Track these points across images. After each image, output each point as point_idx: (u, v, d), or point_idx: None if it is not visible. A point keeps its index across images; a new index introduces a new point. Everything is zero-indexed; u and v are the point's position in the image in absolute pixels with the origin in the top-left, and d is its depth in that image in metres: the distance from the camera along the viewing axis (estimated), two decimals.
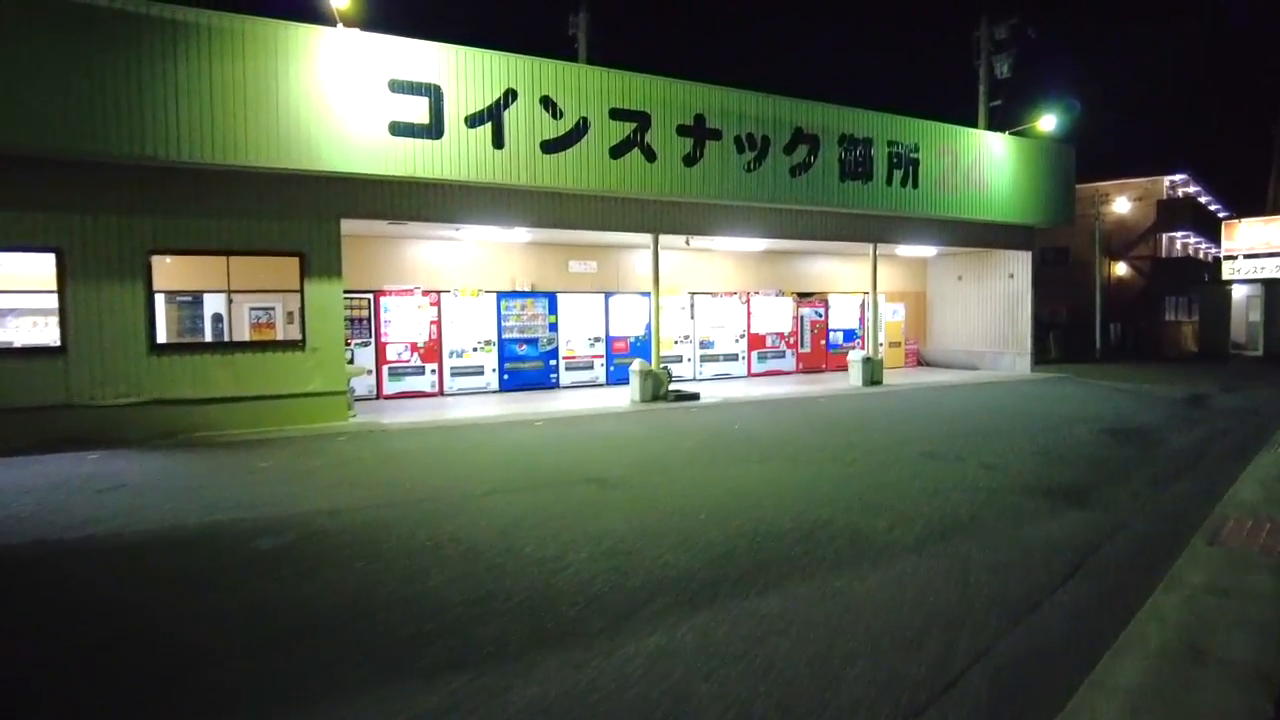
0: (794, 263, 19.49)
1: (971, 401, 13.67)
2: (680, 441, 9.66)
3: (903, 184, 15.52)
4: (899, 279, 21.05)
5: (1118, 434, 10.32)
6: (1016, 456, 8.61)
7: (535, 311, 15.58)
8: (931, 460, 8.35)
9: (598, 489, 7.01)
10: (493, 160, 11.49)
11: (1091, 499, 6.74)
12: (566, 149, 11.99)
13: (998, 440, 9.66)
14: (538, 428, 10.83)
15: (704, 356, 17.53)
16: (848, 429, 10.59)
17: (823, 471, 7.77)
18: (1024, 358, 18.91)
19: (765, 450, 8.97)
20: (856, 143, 14.85)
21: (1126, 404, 13.68)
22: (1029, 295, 18.79)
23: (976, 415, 11.91)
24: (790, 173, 14.12)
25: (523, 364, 15.47)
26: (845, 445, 9.27)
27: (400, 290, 14.48)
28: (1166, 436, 10.21)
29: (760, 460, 8.39)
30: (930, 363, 21.16)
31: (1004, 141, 17.42)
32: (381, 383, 14.31)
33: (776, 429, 10.63)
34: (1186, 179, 41.67)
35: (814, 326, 19.09)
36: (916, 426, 10.79)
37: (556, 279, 16.33)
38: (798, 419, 11.54)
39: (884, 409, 12.74)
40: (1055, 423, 11.22)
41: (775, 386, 15.86)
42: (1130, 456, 8.78)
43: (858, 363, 16.01)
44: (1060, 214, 18.69)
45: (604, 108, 12.26)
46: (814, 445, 9.28)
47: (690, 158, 13.04)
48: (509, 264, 15.91)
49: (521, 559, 5.08)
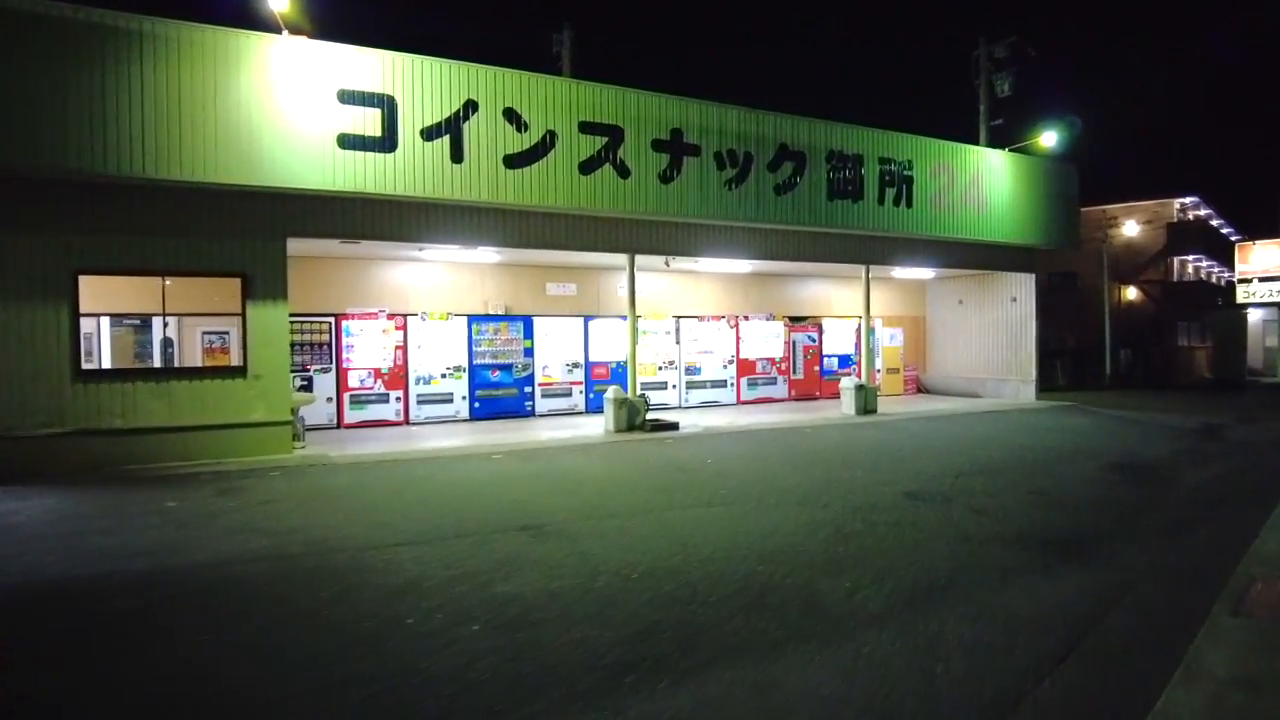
0: (786, 285, 18.71)
1: (968, 433, 12.76)
2: (642, 480, 8.81)
3: (895, 203, 14.75)
4: (897, 303, 20.22)
5: (1125, 471, 9.41)
6: (1011, 498, 7.72)
7: (509, 336, 14.82)
8: (915, 503, 7.47)
9: (528, 539, 6.16)
10: (451, 175, 10.80)
11: (1093, 552, 5.85)
12: (532, 164, 11.29)
13: (992, 479, 8.77)
14: (495, 461, 10.00)
15: (690, 383, 16.70)
16: (829, 464, 9.72)
17: (790, 517, 6.90)
18: (1028, 385, 17.98)
19: (732, 490, 8.10)
20: (846, 160, 14.12)
21: (1135, 436, 12.75)
22: (1032, 320, 17.91)
23: (972, 449, 11.01)
24: (775, 191, 13.38)
25: (495, 391, 14.68)
26: (822, 484, 8.40)
27: (364, 313, 13.76)
28: (1179, 474, 9.29)
29: (724, 503, 7.53)
30: (930, 390, 20.25)
31: (1003, 159, 16.67)
32: (343, 411, 13.54)
33: (751, 464, 9.76)
34: (1197, 201, 40.83)
35: (807, 352, 18.25)
36: (905, 462, 9.90)
37: (533, 302, 15.59)
38: (778, 453, 10.67)
39: (873, 441, 11.85)
40: (1057, 458, 10.31)
41: (763, 415, 15.00)
42: (1139, 499, 7.87)
43: (850, 390, 15.14)
44: (1063, 235, 17.86)
45: (573, 121, 11.57)
46: (788, 485, 8.41)
47: (666, 174, 12.32)
48: (482, 286, 15.19)
49: (402, 632, 4.23)
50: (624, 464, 9.87)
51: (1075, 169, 17.88)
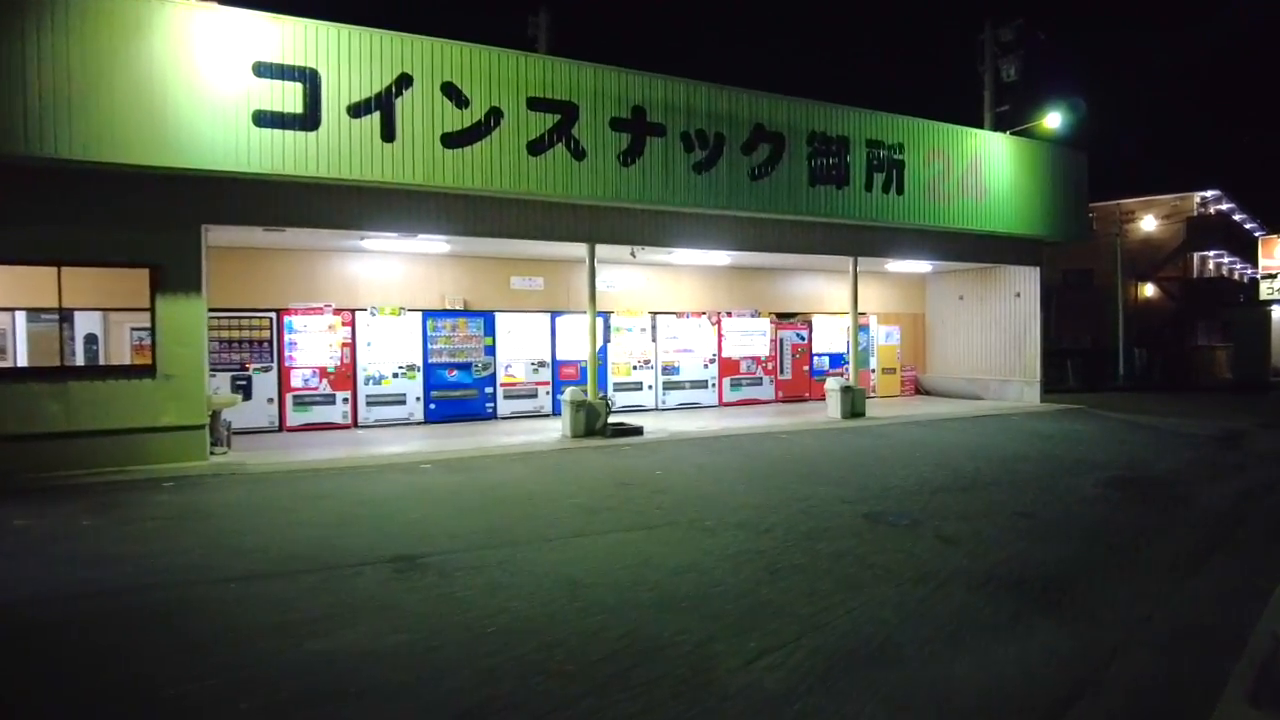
0: (773, 280, 17.60)
1: (961, 440, 11.63)
2: (573, 496, 7.78)
3: (885, 190, 13.61)
4: (894, 299, 19.05)
5: (1130, 488, 8.27)
6: (991, 522, 6.62)
7: (468, 333, 13.83)
8: (876, 528, 6.39)
9: (392, 575, 5.15)
10: (382, 156, 9.81)
11: (1077, 599, 4.76)
12: (473, 143, 10.29)
13: (974, 497, 7.66)
14: (420, 473, 9.01)
15: (668, 384, 15.64)
16: (793, 477, 8.64)
17: (720, 546, 5.84)
18: (1032, 387, 16.77)
19: (669, 509, 7.06)
20: (829, 143, 13.00)
21: (1145, 445, 11.56)
22: (1037, 317, 16.69)
23: (959, 459, 9.90)
24: (750, 175, 12.29)
25: (453, 392, 13.69)
26: (776, 502, 7.33)
27: (308, 309, 12.81)
28: (1192, 491, 8.14)
29: (652, 525, 6.49)
30: (930, 391, 19.07)
31: (1005, 144, 15.47)
32: (285, 414, 12.60)
33: (705, 477, 8.71)
34: (1219, 195, 39.24)
35: (795, 350, 17.12)
36: (879, 475, 8.81)
37: (496, 296, 14.59)
38: (740, 463, 9.60)
39: (851, 450, 10.76)
40: (1054, 470, 9.17)
41: (742, 419, 13.92)
42: (1143, 523, 6.75)
43: (836, 392, 14.03)
44: (1072, 227, 16.62)
45: (521, 97, 10.55)
46: (735, 502, 7.35)
47: (627, 156, 11.27)
48: (439, 279, 14.21)
49: (146, 711, 3.23)
50: (562, 476, 8.84)
51: (1084, 155, 16.63)
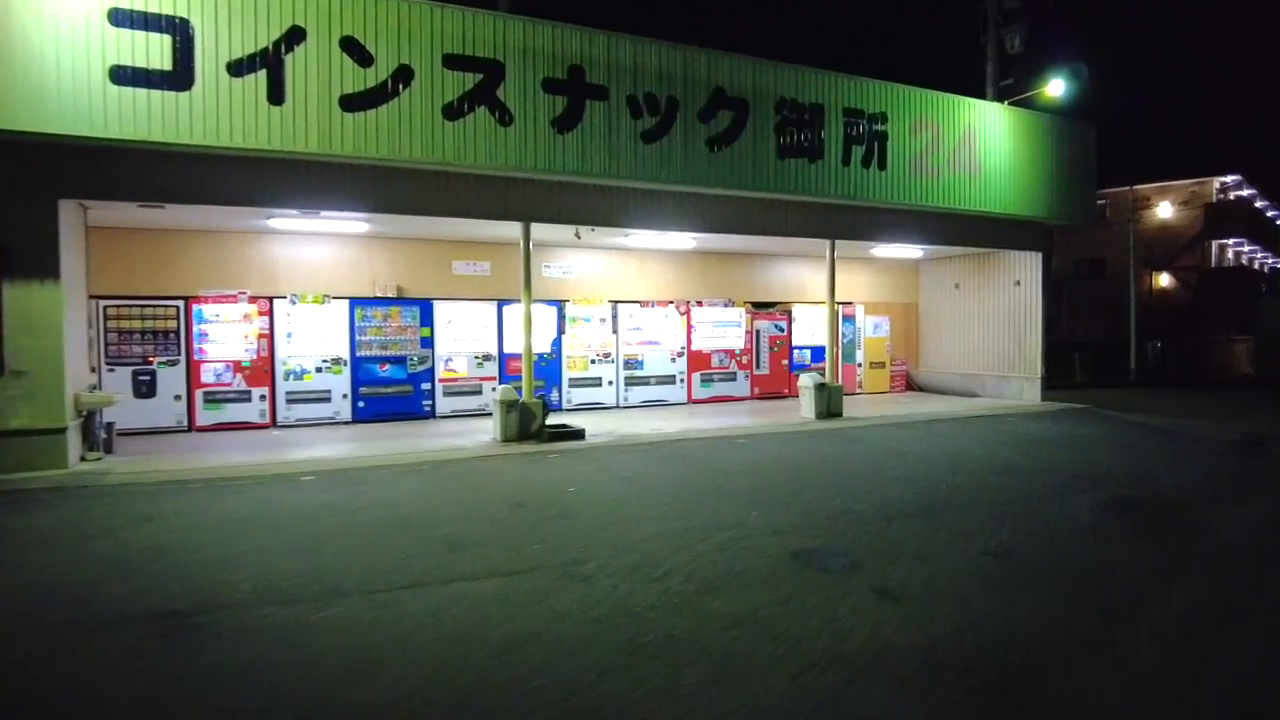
0: (748, 267, 16.18)
1: (945, 446, 10.24)
2: (450, 523, 6.47)
3: (865, 165, 12.18)
4: (884, 287, 17.59)
5: (1133, 512, 6.88)
6: (951, 564, 5.26)
7: (402, 323, 12.53)
8: (801, 575, 5.05)
9: (135, 643, 3.86)
10: (269, 121, 8.50)
11: (1046, 702, 3.40)
12: (378, 106, 8.95)
13: (942, 525, 6.29)
14: (299, 486, 7.72)
15: (630, 379, 14.30)
16: (731, 495, 7.30)
17: (587, 604, 4.52)
18: (1033, 383, 15.32)
19: (552, 545, 5.74)
20: (801, 110, 11.57)
21: (1155, 453, 10.14)
22: (1039, 307, 15.22)
23: (938, 471, 8.52)
24: (708, 146, 10.89)
25: (385, 389, 12.41)
26: (692, 534, 5.99)
27: (220, 296, 11.55)
28: (1210, 517, 6.74)
29: (515, 570, 5.16)
30: (922, 387, 17.63)
31: (1002, 115, 13.96)
32: (194, 412, 11.36)
33: (624, 496, 7.38)
34: (1239, 180, 37.40)
35: (773, 343, 15.73)
36: (837, 492, 7.45)
37: (437, 283, 13.27)
38: (678, 476, 8.27)
39: (815, 458, 9.40)
40: (1045, 487, 7.78)
41: (708, 419, 12.58)
42: (1145, 567, 5.37)
43: (810, 390, 12.64)
44: (1078, 208, 15.11)
45: (435, 54, 9.20)
46: (642, 533, 6.02)
47: (562, 122, 9.90)
48: (370, 263, 12.91)
49: None
50: (457, 494, 7.53)
51: (1093, 128, 15.09)
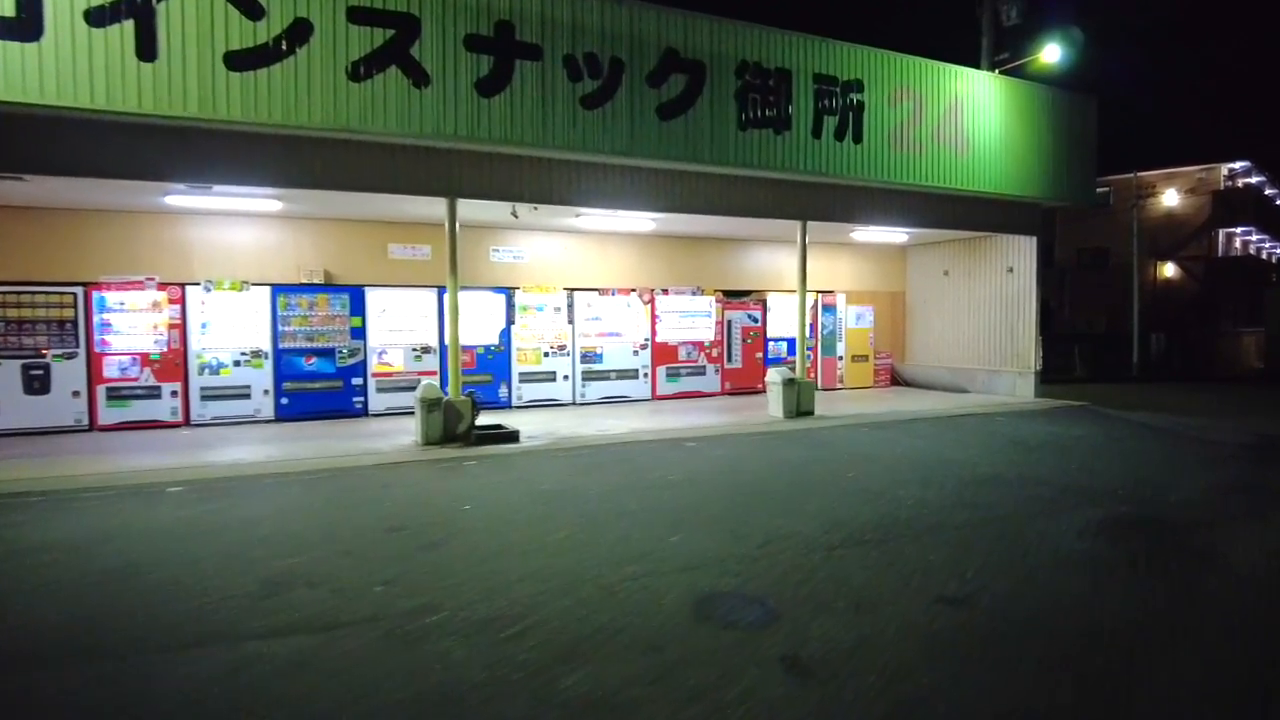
0: (719, 252, 15.04)
1: (921, 451, 9.13)
2: (301, 551, 5.39)
3: (838, 137, 11.02)
4: (868, 274, 16.44)
5: (1130, 537, 5.76)
6: (894, 616, 4.16)
7: (330, 312, 11.42)
8: (696, 633, 3.95)
9: None
10: (138, 79, 7.38)
11: None
12: (270, 65, 7.82)
13: (896, 556, 5.18)
14: (160, 500, 6.65)
15: (588, 374, 13.20)
16: (653, 516, 6.20)
17: (401, 681, 3.44)
18: (1026, 379, 14.18)
19: (405, 587, 4.65)
20: (765, 76, 10.41)
21: (1158, 458, 9.01)
22: (1033, 295, 14.06)
23: (907, 482, 7.42)
24: (659, 114, 9.74)
25: (311, 384, 11.32)
26: (584, 570, 4.90)
27: (126, 283, 10.46)
28: (1221, 542, 5.63)
29: (335, 624, 4.08)
30: (909, 382, 16.50)
31: (993, 85, 12.77)
32: (96, 410, 10.30)
33: (527, 516, 6.29)
34: (1248, 167, 36.06)
35: (746, 335, 14.61)
36: (780, 510, 6.35)
37: (371, 268, 12.16)
38: (603, 490, 7.18)
39: (770, 466, 8.29)
40: (1028, 503, 6.67)
41: (668, 417, 11.48)
42: (1142, 614, 4.26)
43: (777, 386, 11.52)
44: (1077, 188, 13.93)
45: (338, 6, 8.06)
46: (525, 569, 4.93)
47: (488, 84, 8.76)
48: (296, 247, 11.79)
49: None
50: (338, 511, 6.44)
51: (1093, 100, 13.89)
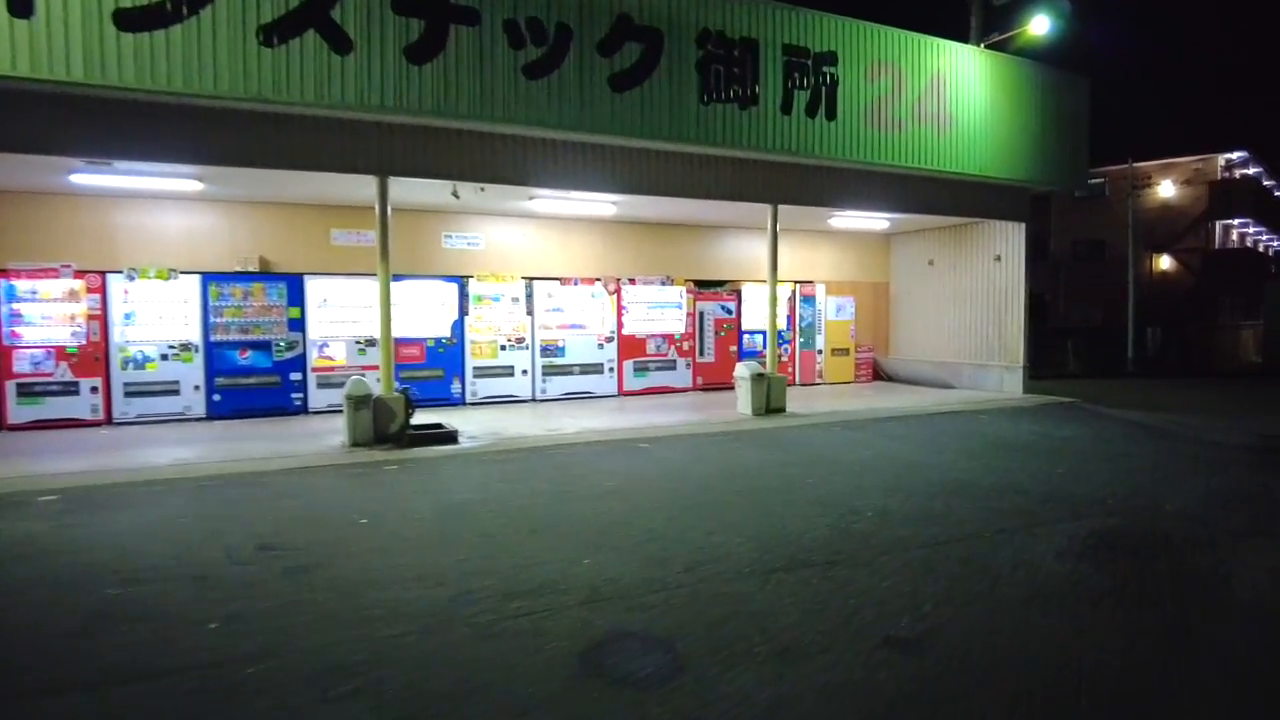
0: (690, 240, 14.27)
1: (893, 454, 8.40)
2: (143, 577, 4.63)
3: (810, 113, 10.25)
4: (850, 264, 15.69)
5: (1119, 558, 5.02)
6: (826, 667, 3.42)
7: (266, 302, 10.64)
8: (580, 686, 3.21)
9: None
10: (11, 38, 6.59)
11: None
12: (168, 25, 7.03)
13: (843, 580, 4.44)
14: (29, 509, 5.89)
15: (549, 369, 12.43)
16: (568, 533, 5.46)
17: None
18: (1014, 374, 13.45)
19: (244, 625, 3.91)
20: (729, 46, 9.63)
21: (1152, 463, 8.28)
22: (1022, 286, 13.33)
23: (871, 491, 6.68)
24: (612, 86, 8.96)
25: (246, 379, 10.54)
26: (467, 603, 4.15)
27: (38, 270, 9.67)
28: (1225, 561, 4.89)
29: (121, 679, 3.33)
30: (891, 376, 15.77)
31: (978, 60, 11.99)
32: (4, 407, 9.52)
33: (425, 534, 5.56)
34: (1246, 157, 35.28)
35: (720, 327, 13.86)
36: (719, 524, 5.61)
37: (312, 255, 11.37)
38: (522, 501, 6.44)
39: (721, 471, 7.55)
40: (1006, 516, 5.93)
41: (628, 415, 10.75)
42: (1130, 663, 3.51)
43: (746, 382, 10.77)
44: (1068, 171, 13.18)
45: None
46: (395, 601, 4.20)
47: (419, 50, 7.97)
48: (230, 232, 11.00)
49: None
50: (216, 525, 5.67)
51: (1085, 80, 13.13)
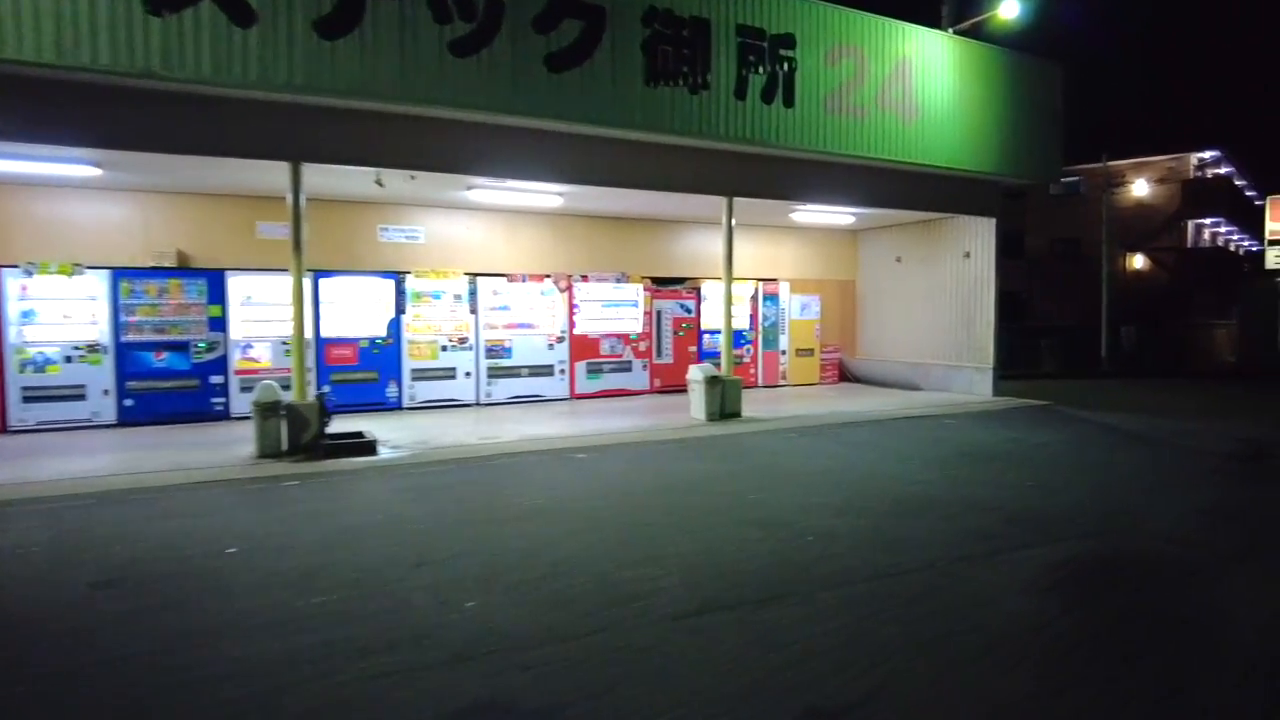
0: (647, 235, 13.61)
1: (851, 465, 7.80)
2: None
3: (766, 99, 9.62)
4: (815, 261, 15.11)
5: (1094, 590, 4.42)
6: None
7: (184, 299, 9.85)
8: None
9: None
10: None
11: None
12: None
13: (767, 627, 3.81)
14: None
15: (495, 371, 11.71)
16: (465, 566, 4.79)
17: None
18: (985, 375, 12.91)
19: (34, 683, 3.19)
20: (678, 24, 8.97)
21: (1131, 472, 7.73)
22: (992, 284, 12.80)
23: (819, 509, 6.06)
24: (548, 65, 8.26)
25: (162, 383, 9.74)
26: (280, 670, 3.47)
27: None
28: (1214, 597, 4.30)
29: None
30: (858, 377, 15.21)
31: (946, 46, 11.42)
32: None
33: (295, 566, 4.86)
34: (1218, 157, 35.26)
35: (679, 326, 13.21)
36: (643, 553, 4.97)
37: (236, 249, 10.58)
38: (423, 525, 5.76)
39: (659, 486, 6.90)
40: (967, 539, 5.32)
41: (576, 421, 10.08)
42: None
43: (699, 385, 10.13)
44: (1040, 164, 12.65)
45: None
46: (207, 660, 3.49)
47: (331, 23, 7.24)
48: (144, 223, 10.19)
49: None
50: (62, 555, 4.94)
51: (1058, 68, 12.61)
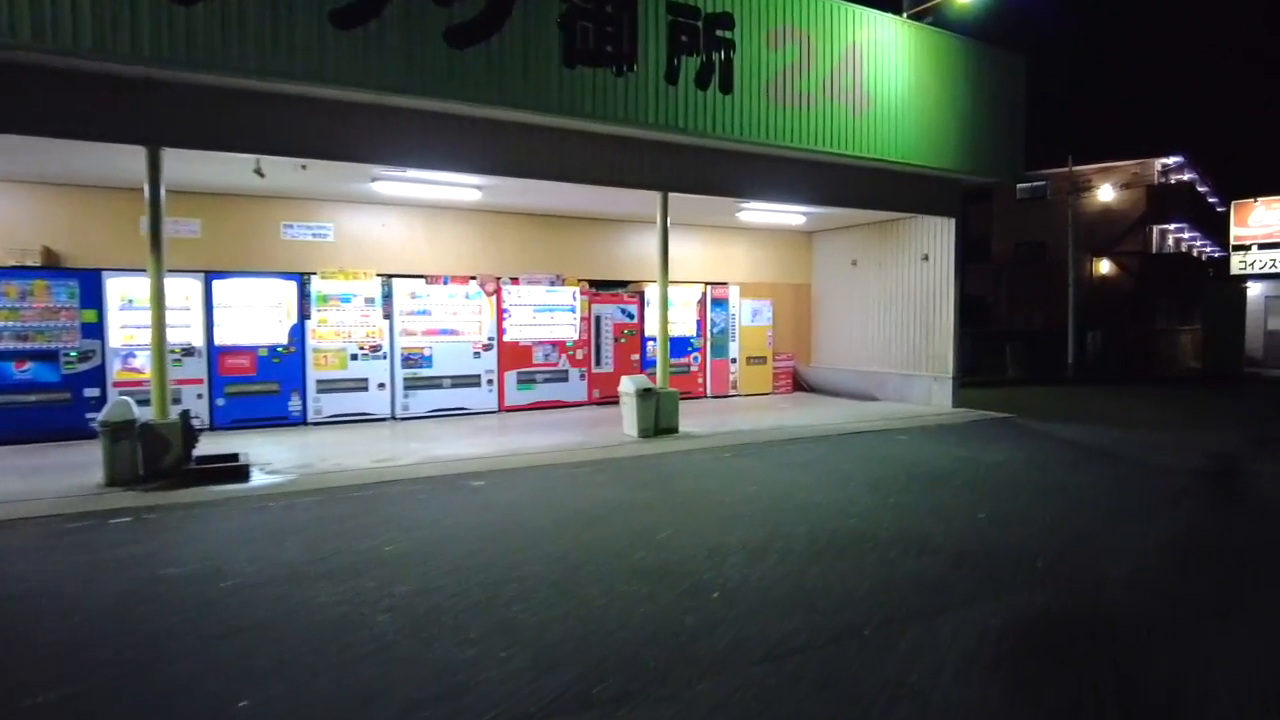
0: (586, 235, 12.74)
1: (785, 490, 6.96)
2: None
3: (701, 84, 8.78)
4: (768, 264, 14.34)
5: (1048, 667, 3.57)
6: None
7: (52, 303, 8.78)
8: None
9: None
10: None
11: None
12: None
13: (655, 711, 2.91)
14: None
15: (413, 381, 10.73)
16: (255, 642, 3.85)
17: None
18: (944, 384, 12.20)
19: None
20: (601, 1, 8.10)
21: (1094, 498, 6.96)
22: (952, 288, 12.09)
23: (736, 550, 5.20)
24: (449, 40, 7.34)
25: (24, 396, 8.66)
26: None
27: None
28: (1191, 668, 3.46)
29: None
30: (813, 387, 14.43)
31: (901, 32, 10.67)
32: None
33: (72, 639, 3.90)
34: (1182, 163, 35.26)
35: (620, 333, 12.33)
36: (500, 623, 4.07)
37: (116, 247, 9.51)
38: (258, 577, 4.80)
39: (553, 523, 6.00)
40: (901, 591, 4.48)
41: (492, 438, 9.17)
42: None
43: (631, 399, 9.25)
44: (1002, 161, 11.96)
45: None
46: None
47: None
48: (8, 219, 9.12)
49: None
50: None
51: (1021, 59, 11.94)
